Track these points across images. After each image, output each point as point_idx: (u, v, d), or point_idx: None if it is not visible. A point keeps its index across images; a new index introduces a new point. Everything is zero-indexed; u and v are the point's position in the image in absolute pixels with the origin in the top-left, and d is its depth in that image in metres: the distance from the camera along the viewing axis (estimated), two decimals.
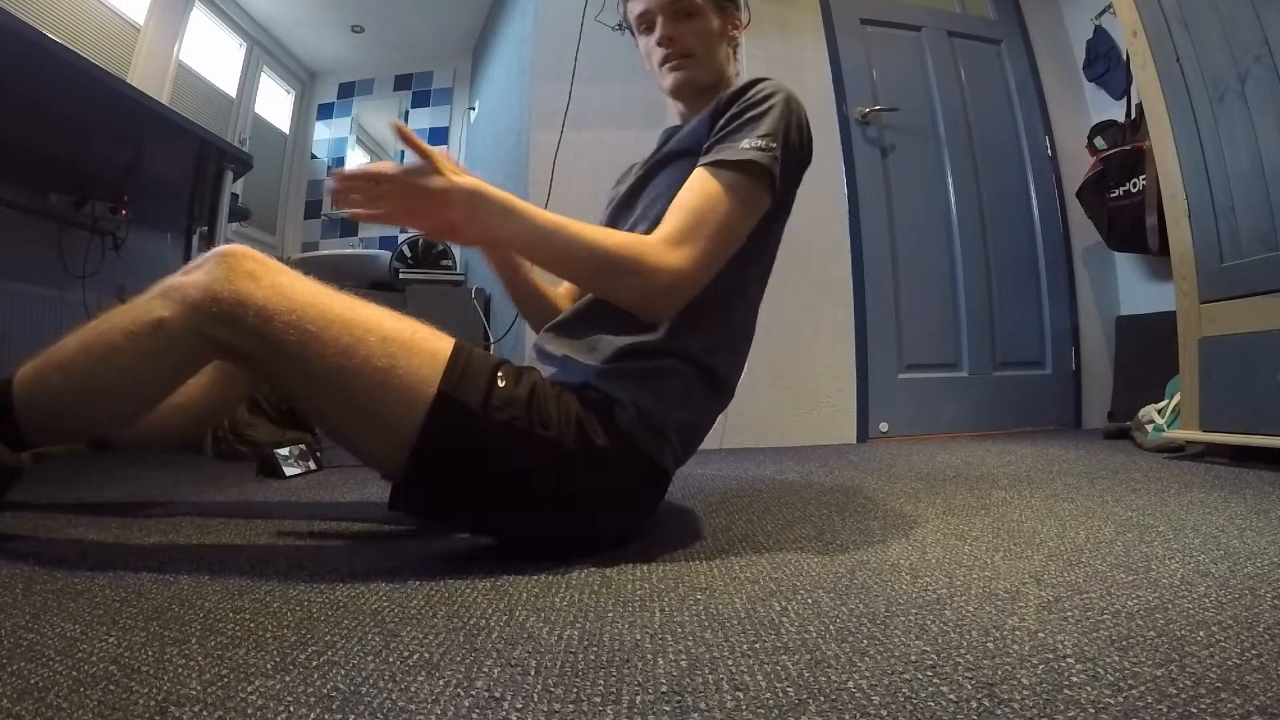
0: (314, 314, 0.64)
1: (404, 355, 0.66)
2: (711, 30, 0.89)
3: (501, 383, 0.69)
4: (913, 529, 0.83)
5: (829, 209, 2.18)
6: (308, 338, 0.63)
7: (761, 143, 0.74)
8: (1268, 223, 1.30)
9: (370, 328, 0.66)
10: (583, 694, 0.39)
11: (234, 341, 0.64)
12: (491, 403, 0.67)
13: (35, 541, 0.74)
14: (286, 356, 0.64)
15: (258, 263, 0.66)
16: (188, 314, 0.64)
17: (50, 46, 1.27)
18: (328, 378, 0.64)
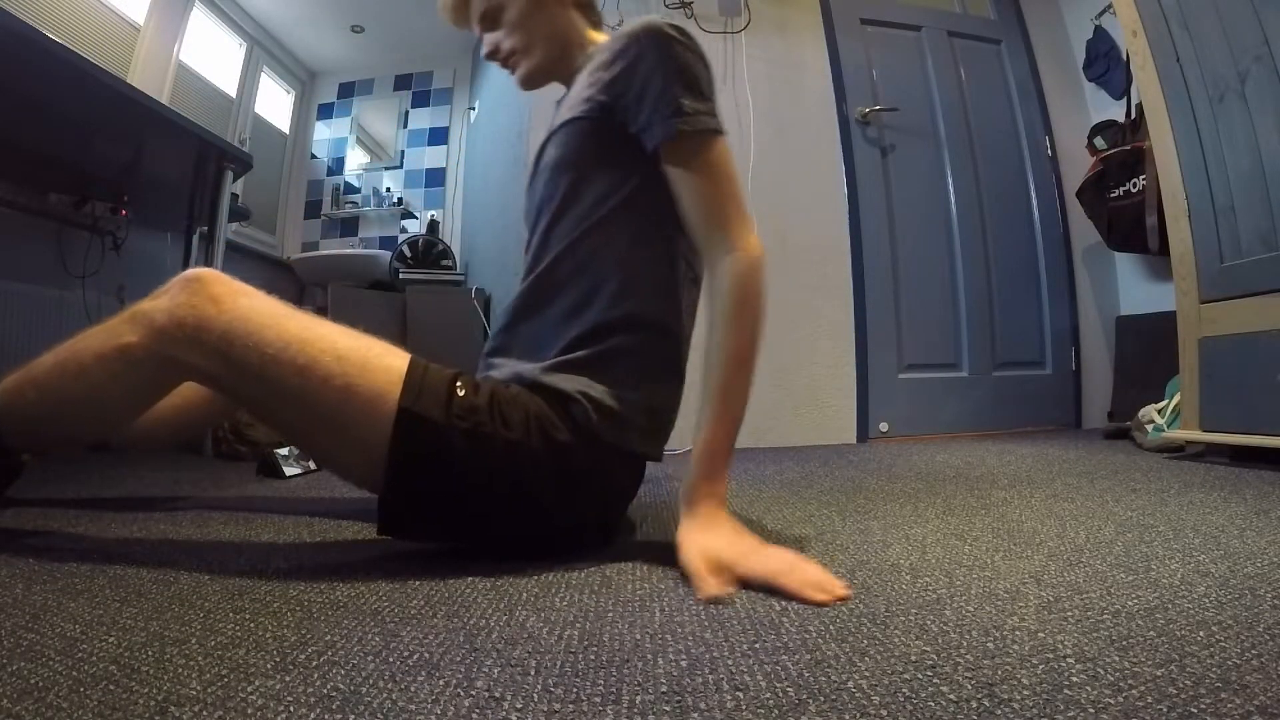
0: (272, 335, 0.65)
1: (359, 373, 0.66)
2: (521, 15, 0.87)
3: (460, 392, 0.69)
4: (913, 529, 0.83)
5: (829, 209, 2.18)
6: (267, 360, 0.64)
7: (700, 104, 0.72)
8: (1268, 223, 1.30)
9: (324, 348, 0.66)
10: (583, 694, 0.39)
11: (199, 364, 0.66)
12: (453, 412, 0.68)
13: (35, 541, 0.74)
14: (250, 379, 0.65)
15: (222, 285, 0.67)
16: (153, 339, 0.66)
17: (50, 46, 1.27)
18: (290, 399, 0.66)
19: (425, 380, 0.69)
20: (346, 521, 0.92)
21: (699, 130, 0.72)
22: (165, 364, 0.67)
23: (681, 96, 0.72)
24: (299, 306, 0.71)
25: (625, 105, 0.75)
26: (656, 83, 0.72)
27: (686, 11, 2.16)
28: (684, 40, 0.75)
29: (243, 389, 0.67)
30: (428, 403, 0.67)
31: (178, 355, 0.65)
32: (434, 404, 0.67)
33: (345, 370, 0.66)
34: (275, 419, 0.71)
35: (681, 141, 0.72)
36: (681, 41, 0.74)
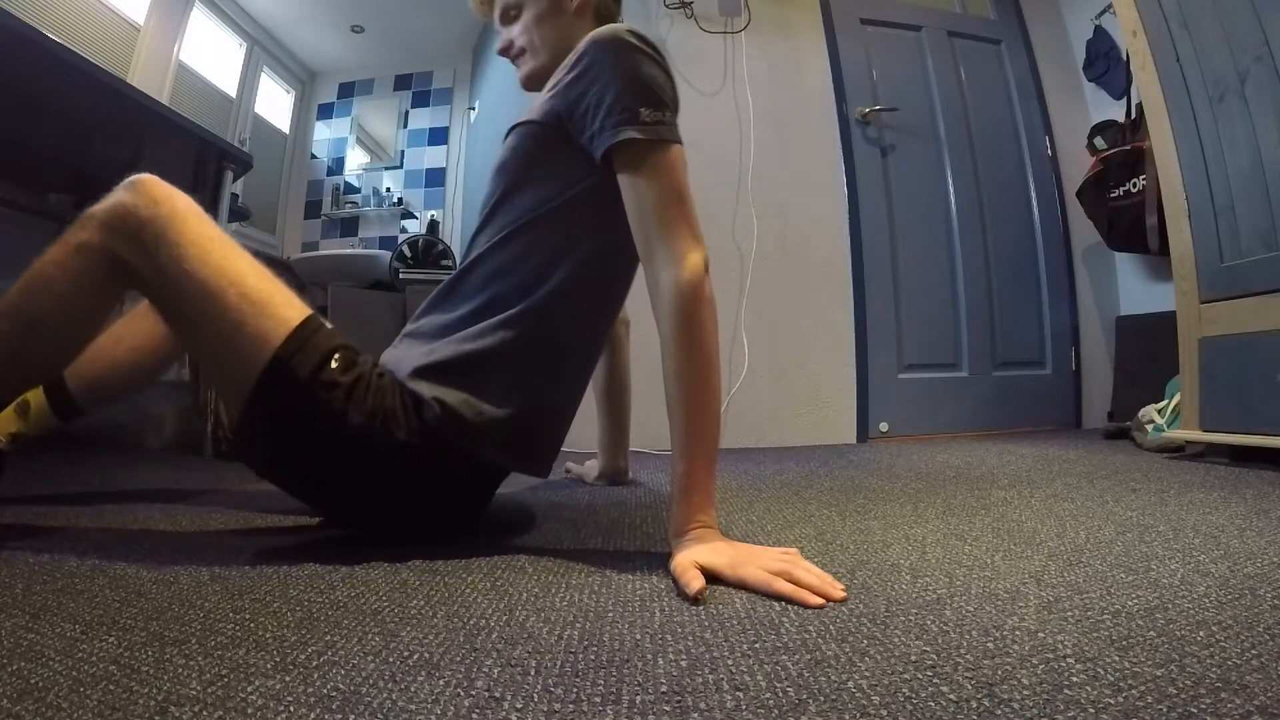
0: (193, 252, 0.69)
1: (255, 314, 0.70)
2: (539, 17, 0.90)
3: (334, 364, 0.72)
4: (913, 529, 0.83)
5: (829, 209, 2.18)
6: (183, 274, 0.68)
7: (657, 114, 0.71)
8: (1268, 223, 1.30)
9: (233, 280, 0.70)
10: (583, 694, 0.39)
11: (133, 260, 0.69)
12: (320, 378, 0.71)
13: (35, 541, 0.74)
14: (168, 287, 0.70)
15: (160, 188, 0.71)
16: (101, 234, 0.69)
17: (50, 46, 1.27)
18: (193, 316, 0.71)
19: (309, 340, 0.72)
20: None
21: (651, 139, 0.71)
22: (111, 260, 0.70)
23: (637, 104, 0.71)
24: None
25: (578, 113, 0.75)
26: (611, 90, 0.72)
27: (686, 11, 2.16)
28: (643, 48, 0.75)
29: (162, 296, 0.72)
30: (300, 361, 0.70)
31: (118, 249, 0.69)
32: (305, 365, 0.70)
33: (243, 307, 0.70)
34: (180, 330, 0.77)
35: (633, 148, 0.71)
36: (640, 49, 0.74)
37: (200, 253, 0.69)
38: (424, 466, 0.75)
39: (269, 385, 0.70)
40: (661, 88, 0.74)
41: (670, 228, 0.70)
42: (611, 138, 0.71)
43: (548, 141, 0.78)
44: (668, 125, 0.72)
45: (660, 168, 0.71)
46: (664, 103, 0.73)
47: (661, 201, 0.70)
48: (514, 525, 0.91)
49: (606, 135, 0.71)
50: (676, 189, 0.71)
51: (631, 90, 0.72)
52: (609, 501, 1.10)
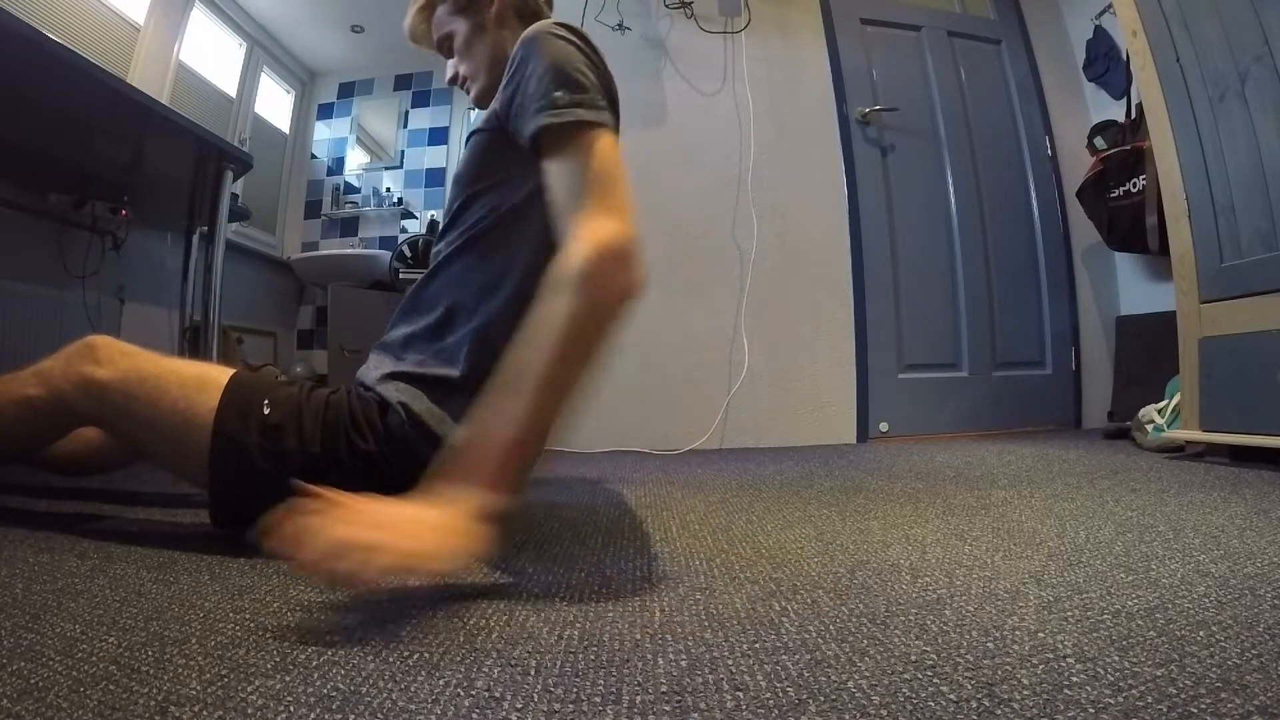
0: (134, 378, 0.75)
1: (195, 393, 0.75)
2: (465, 41, 0.91)
3: (266, 410, 0.74)
4: (913, 529, 0.83)
5: (829, 208, 2.18)
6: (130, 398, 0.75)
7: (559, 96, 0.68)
8: (1268, 223, 1.30)
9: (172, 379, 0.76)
10: (583, 694, 0.39)
11: (88, 409, 0.77)
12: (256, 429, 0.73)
13: (35, 541, 0.74)
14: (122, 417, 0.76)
15: (107, 349, 0.77)
16: (50, 392, 0.77)
17: (50, 46, 1.27)
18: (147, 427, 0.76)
19: (239, 397, 0.75)
20: None
21: (567, 122, 0.68)
22: (62, 408, 0.77)
23: (553, 90, 0.69)
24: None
25: (512, 113, 0.74)
26: (532, 82, 0.71)
27: (686, 11, 2.16)
28: (563, 35, 0.74)
29: (116, 424, 0.78)
30: (235, 421, 0.73)
31: (73, 401, 0.76)
32: (240, 422, 0.73)
33: (186, 394, 0.75)
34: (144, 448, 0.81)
35: (549, 135, 0.68)
36: (560, 37, 0.73)
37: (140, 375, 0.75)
38: (398, 471, 0.74)
39: (217, 454, 0.73)
40: (579, 69, 0.71)
41: (582, 201, 0.65)
42: (532, 129, 0.69)
43: (495, 147, 0.79)
44: (586, 107, 0.69)
45: (576, 149, 0.67)
46: (581, 85, 0.70)
47: (576, 178, 0.66)
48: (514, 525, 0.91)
49: (529, 128, 0.70)
50: (596, 170, 0.66)
51: (548, 77, 0.70)
52: (609, 501, 1.10)
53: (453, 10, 0.92)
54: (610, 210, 0.64)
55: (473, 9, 0.91)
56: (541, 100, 0.69)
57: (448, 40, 0.94)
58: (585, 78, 0.71)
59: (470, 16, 0.91)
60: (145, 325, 2.28)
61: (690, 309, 2.03)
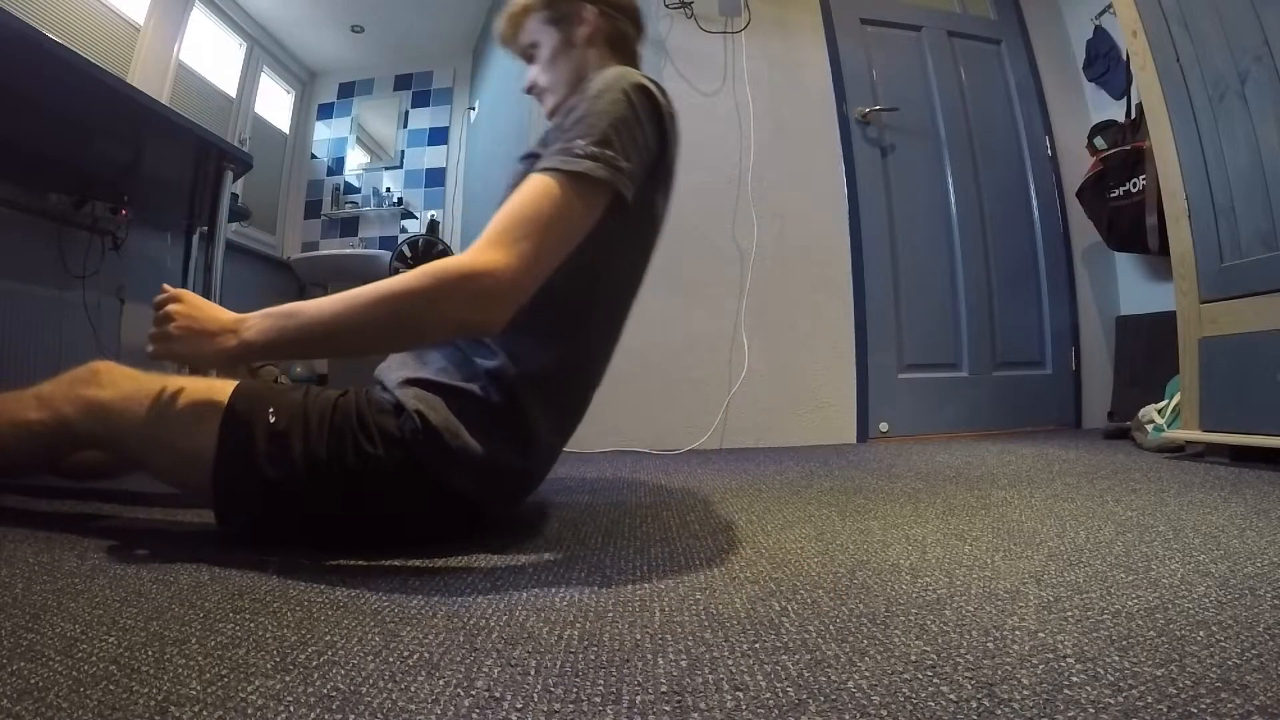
0: (137, 396, 0.76)
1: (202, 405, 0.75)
2: (551, 54, 0.91)
3: (272, 419, 0.74)
4: (913, 529, 0.83)
5: (829, 209, 2.18)
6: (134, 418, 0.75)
7: (595, 149, 0.69)
8: (1268, 223, 1.30)
9: (176, 394, 0.76)
10: (583, 694, 0.39)
11: (90, 431, 0.77)
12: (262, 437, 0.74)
13: (35, 541, 0.74)
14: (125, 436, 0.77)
15: (109, 372, 0.79)
16: (52, 415, 0.77)
17: (50, 46, 1.27)
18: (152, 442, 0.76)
19: (245, 407, 0.75)
20: None
21: (569, 171, 0.68)
22: (63, 431, 0.78)
23: (582, 137, 0.70)
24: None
25: (547, 139, 0.76)
26: (571, 121, 0.73)
27: (686, 11, 2.15)
28: (629, 92, 0.74)
29: (122, 446, 0.79)
30: (241, 431, 0.73)
31: (73, 426, 0.77)
32: (246, 431, 0.73)
33: (192, 406, 0.75)
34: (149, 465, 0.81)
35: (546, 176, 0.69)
36: (625, 92, 0.74)
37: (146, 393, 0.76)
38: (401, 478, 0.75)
39: (228, 470, 0.73)
40: (619, 128, 0.71)
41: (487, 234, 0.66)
42: (542, 165, 0.70)
43: None
44: (600, 162, 0.68)
45: (535, 187, 0.68)
46: (608, 141, 0.70)
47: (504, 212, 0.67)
48: (514, 525, 0.91)
49: (542, 163, 0.70)
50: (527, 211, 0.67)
51: (585, 124, 0.71)
52: (609, 501, 1.10)
53: (545, 21, 0.92)
54: (502, 247, 0.65)
55: (565, 25, 0.91)
56: (566, 142, 0.70)
57: (533, 49, 0.93)
58: (620, 137, 0.71)
59: (561, 31, 0.91)
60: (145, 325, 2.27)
61: (690, 309, 2.03)
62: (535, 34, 0.92)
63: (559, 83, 0.91)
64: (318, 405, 0.77)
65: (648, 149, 0.76)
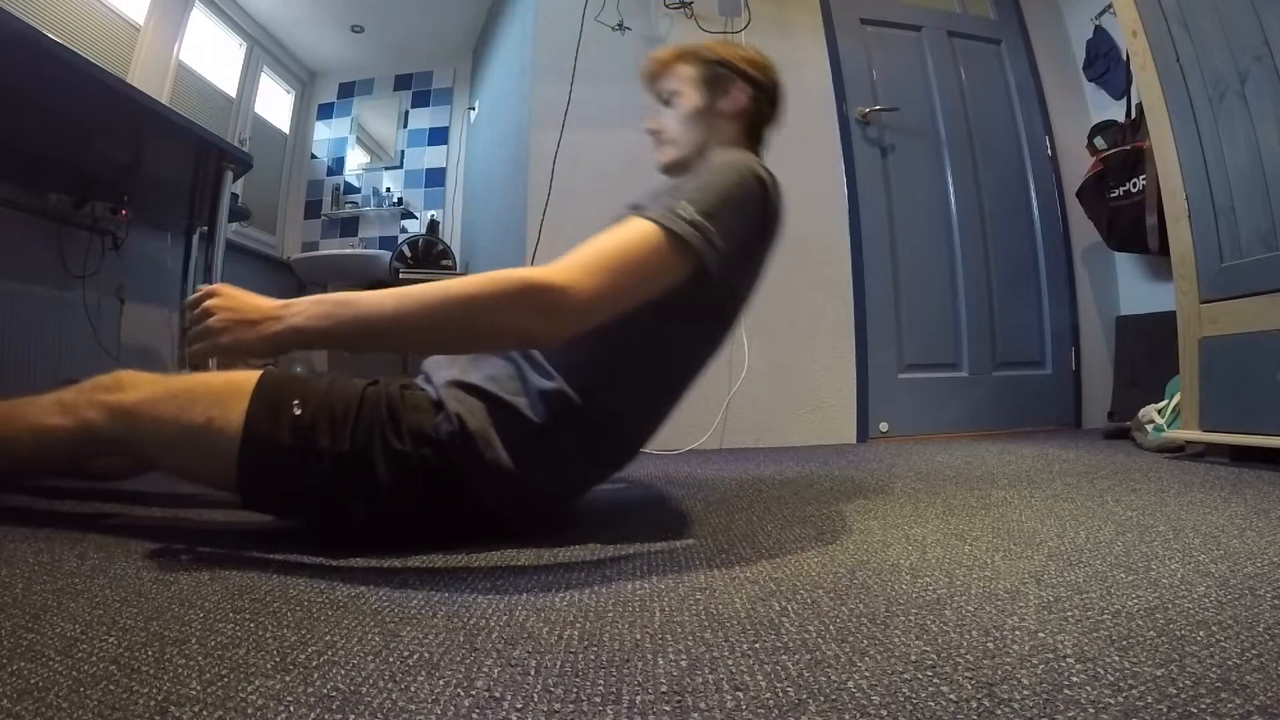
0: (162, 395, 0.76)
1: (227, 398, 0.75)
2: (690, 113, 0.93)
3: (296, 410, 0.74)
4: (913, 529, 0.83)
5: (829, 209, 2.18)
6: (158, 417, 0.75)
7: (699, 219, 0.70)
8: (1268, 223, 1.30)
9: (199, 392, 0.76)
10: (583, 694, 0.39)
11: (113, 434, 0.77)
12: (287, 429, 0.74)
13: (35, 541, 0.74)
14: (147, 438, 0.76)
15: (133, 379, 0.79)
16: (76, 421, 0.77)
17: (50, 46, 1.27)
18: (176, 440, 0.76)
19: (269, 397, 0.75)
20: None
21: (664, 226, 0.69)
22: (85, 439, 0.78)
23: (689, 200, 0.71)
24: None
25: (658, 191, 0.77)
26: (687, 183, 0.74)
27: (686, 11, 2.15)
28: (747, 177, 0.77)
29: (145, 448, 0.79)
30: (265, 423, 0.73)
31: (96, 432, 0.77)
32: (270, 423, 0.73)
33: (216, 399, 0.75)
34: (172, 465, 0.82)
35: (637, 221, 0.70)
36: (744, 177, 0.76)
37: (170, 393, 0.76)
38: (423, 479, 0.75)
39: (251, 462, 0.73)
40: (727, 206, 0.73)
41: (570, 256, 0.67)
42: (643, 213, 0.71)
43: None
44: (695, 228, 0.69)
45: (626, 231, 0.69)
46: (712, 215, 0.71)
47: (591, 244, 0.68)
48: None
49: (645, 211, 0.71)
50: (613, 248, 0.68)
51: (699, 192, 0.73)
52: (609, 501, 1.10)
53: (696, 80, 0.93)
54: (578, 270, 0.66)
55: (714, 90, 0.92)
56: (674, 199, 0.72)
57: (674, 96, 0.95)
58: (725, 217, 0.73)
59: (708, 95, 0.93)
60: (145, 325, 2.28)
61: None
62: (681, 86, 0.94)
63: (686, 142, 0.93)
64: (344, 396, 0.76)
65: (746, 238, 0.78)
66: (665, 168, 0.96)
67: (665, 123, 0.95)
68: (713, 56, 0.94)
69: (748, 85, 0.93)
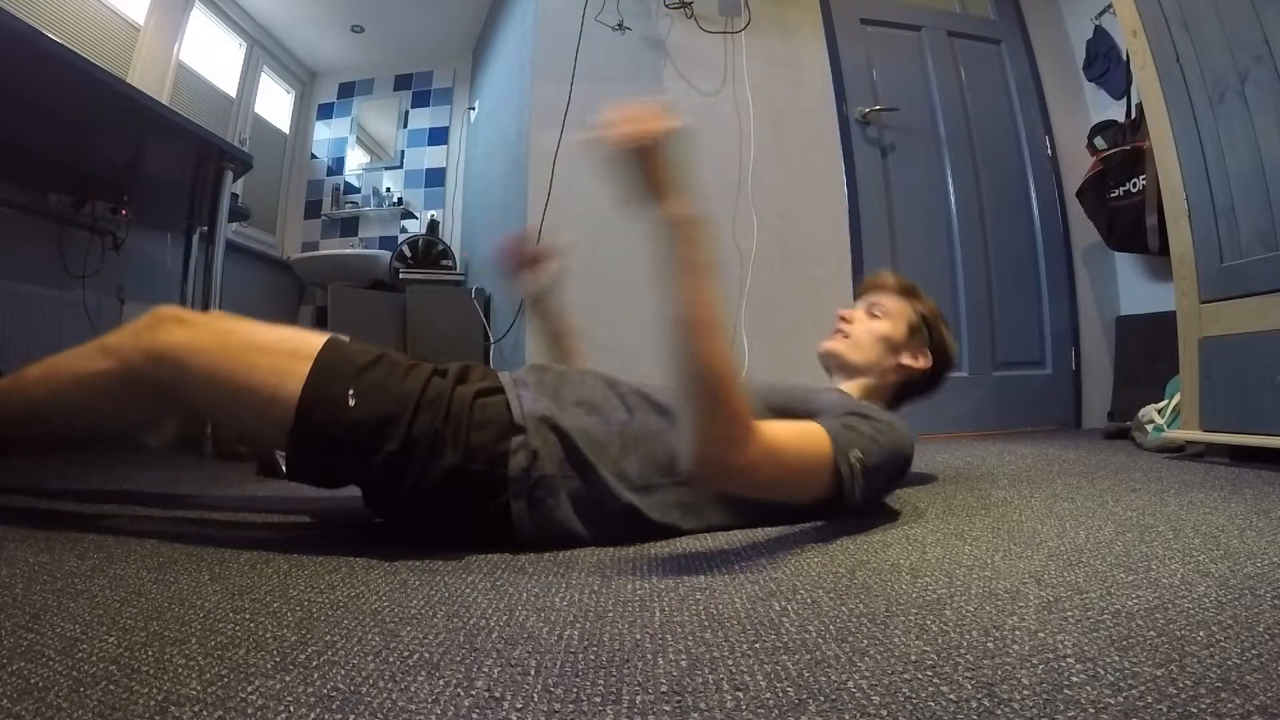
0: (217, 347, 0.74)
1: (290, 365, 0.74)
2: (880, 339, 1.03)
3: (351, 402, 0.73)
4: (913, 529, 0.83)
5: (829, 209, 2.18)
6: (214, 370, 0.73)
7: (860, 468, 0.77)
8: (1268, 223, 1.30)
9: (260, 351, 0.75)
10: (583, 694, 0.39)
11: (159, 378, 0.75)
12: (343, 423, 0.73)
13: (35, 541, 0.74)
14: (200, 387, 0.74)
15: (178, 317, 0.77)
16: (121, 364, 0.75)
17: (50, 46, 1.27)
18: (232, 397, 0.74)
19: (325, 384, 0.73)
20: (347, 522, 0.92)
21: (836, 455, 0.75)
22: (130, 384, 0.75)
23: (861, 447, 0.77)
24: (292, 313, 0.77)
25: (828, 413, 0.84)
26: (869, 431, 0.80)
27: (686, 11, 2.16)
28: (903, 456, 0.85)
29: (196, 396, 0.76)
30: (320, 413, 0.73)
31: (141, 376, 0.75)
32: (325, 413, 0.73)
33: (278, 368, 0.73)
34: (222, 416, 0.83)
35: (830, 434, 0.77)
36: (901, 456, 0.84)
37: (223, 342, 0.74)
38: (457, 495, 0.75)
39: (304, 443, 0.74)
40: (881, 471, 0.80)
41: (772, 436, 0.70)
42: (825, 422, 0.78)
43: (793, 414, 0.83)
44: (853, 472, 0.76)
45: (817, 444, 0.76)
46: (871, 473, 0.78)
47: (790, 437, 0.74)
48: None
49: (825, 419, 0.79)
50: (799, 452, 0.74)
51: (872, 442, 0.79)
52: None
53: (906, 319, 1.05)
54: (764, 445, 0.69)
55: (908, 340, 1.05)
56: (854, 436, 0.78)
57: (879, 312, 1.07)
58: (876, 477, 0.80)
59: (901, 338, 1.04)
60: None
61: None
62: (891, 314, 1.05)
63: (861, 354, 1.04)
64: (400, 393, 0.75)
65: (878, 493, 0.87)
66: (828, 353, 1.07)
67: (858, 325, 1.06)
68: (929, 316, 1.07)
69: (932, 360, 1.05)
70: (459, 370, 0.83)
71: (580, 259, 2.00)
